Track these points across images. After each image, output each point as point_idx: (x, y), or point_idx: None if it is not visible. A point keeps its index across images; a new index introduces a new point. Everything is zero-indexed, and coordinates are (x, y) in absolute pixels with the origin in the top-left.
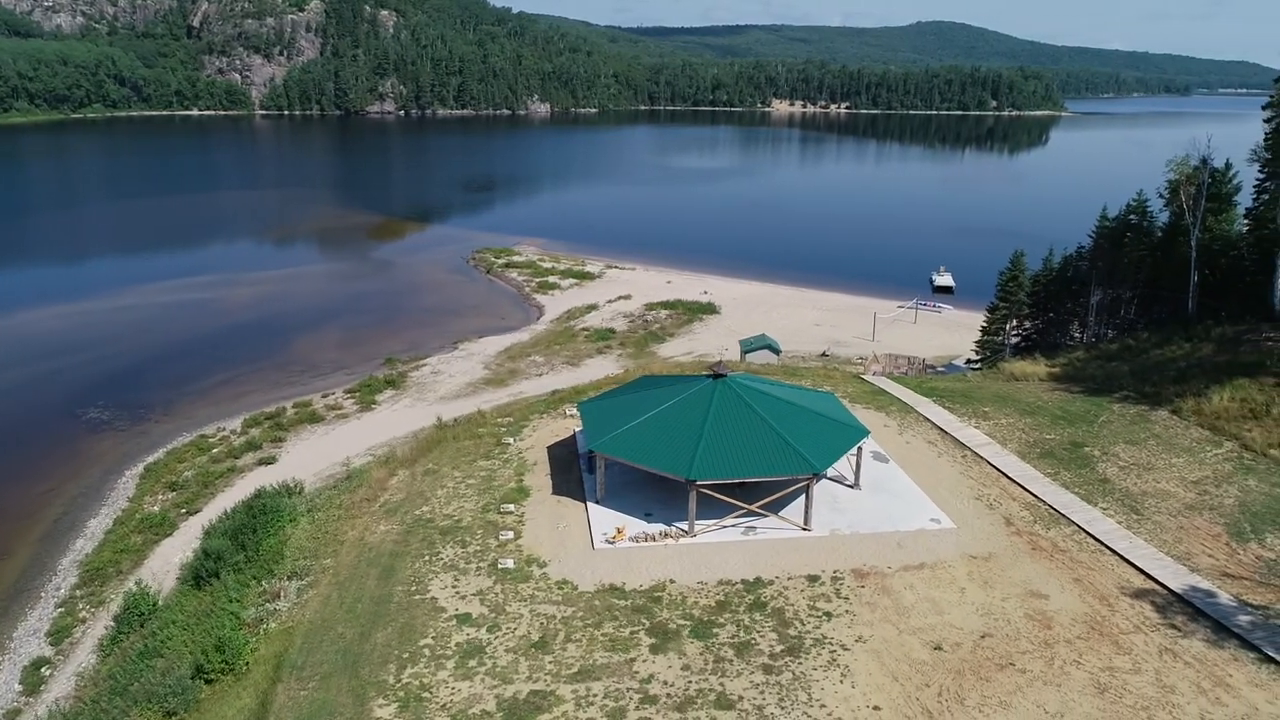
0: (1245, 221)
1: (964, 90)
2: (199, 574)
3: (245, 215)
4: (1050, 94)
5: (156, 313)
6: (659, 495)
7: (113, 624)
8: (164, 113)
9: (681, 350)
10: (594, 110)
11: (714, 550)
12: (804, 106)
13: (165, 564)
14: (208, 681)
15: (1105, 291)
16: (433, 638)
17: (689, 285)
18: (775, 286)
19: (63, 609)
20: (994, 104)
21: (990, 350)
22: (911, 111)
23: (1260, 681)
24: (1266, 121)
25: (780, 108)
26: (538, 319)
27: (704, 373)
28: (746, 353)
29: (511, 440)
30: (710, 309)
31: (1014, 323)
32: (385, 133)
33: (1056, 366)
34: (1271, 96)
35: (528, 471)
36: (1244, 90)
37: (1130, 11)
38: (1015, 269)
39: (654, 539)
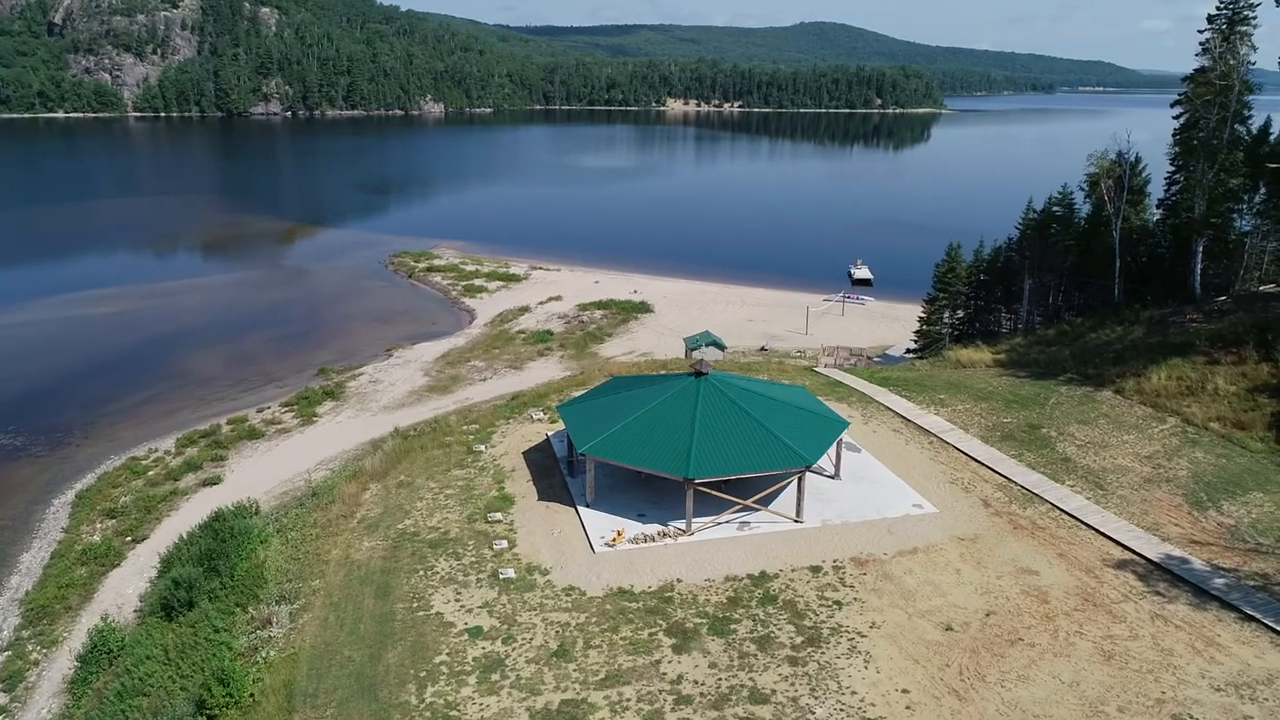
0: (1157, 211)
1: (851, 89)
2: (169, 604)
3: (133, 224)
4: (930, 92)
5: (57, 329)
6: (649, 496)
7: (77, 664)
8: (26, 115)
9: (622, 350)
10: (489, 110)
11: (714, 547)
12: (698, 105)
13: (118, 597)
14: (211, 718)
15: (1035, 280)
16: (447, 654)
17: (617, 285)
18: (702, 284)
19: (10, 652)
20: (879, 102)
21: (930, 339)
22: (802, 110)
23: (1246, 639)
24: (1176, 119)
25: (675, 107)
26: (470, 323)
27: (685, 371)
28: (692, 350)
29: (483, 447)
30: (644, 308)
31: (949, 312)
32: (273, 135)
33: (1000, 353)
34: (1180, 95)
35: (507, 478)
36: (1100, 88)
37: (996, 14)
38: (952, 260)
39: (653, 539)
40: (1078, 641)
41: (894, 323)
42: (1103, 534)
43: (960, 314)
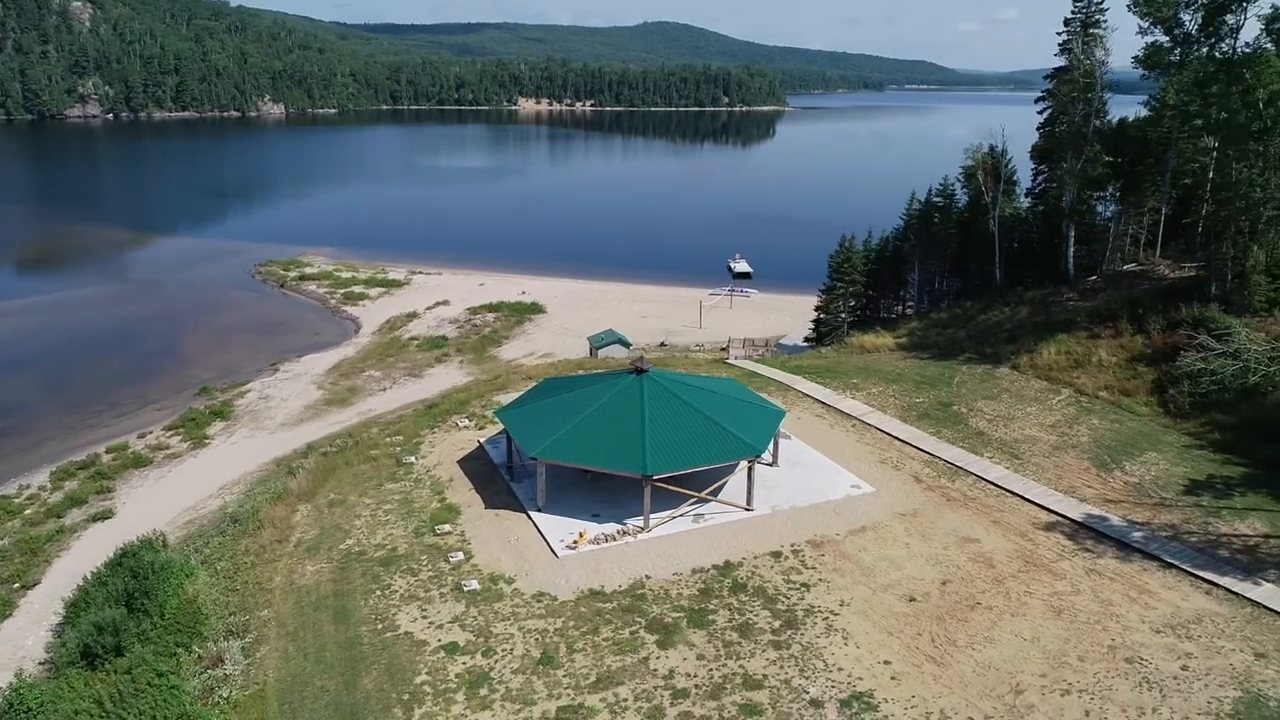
0: (1026, 200)
1: (699, 87)
2: (91, 652)
3: None
4: (774, 90)
5: None
6: (599, 495)
7: None
8: None
9: (523, 352)
10: (333, 111)
11: (675, 541)
12: (550, 104)
13: (17, 650)
14: None
15: (923, 267)
16: (427, 673)
17: (504, 286)
18: (589, 282)
19: None
20: (726, 100)
21: (829, 328)
22: (653, 108)
23: (1171, 584)
24: (1040, 113)
25: (527, 106)
26: (357, 332)
27: (619, 370)
28: (598, 348)
29: (412, 459)
30: (536, 308)
31: (846, 300)
32: (94, 138)
33: (901, 337)
34: (1043, 93)
35: (446, 489)
36: (925, 86)
37: (829, 15)
38: (848, 251)
39: (614, 539)
40: (1029, 601)
41: (781, 313)
42: (1028, 500)
43: (852, 303)
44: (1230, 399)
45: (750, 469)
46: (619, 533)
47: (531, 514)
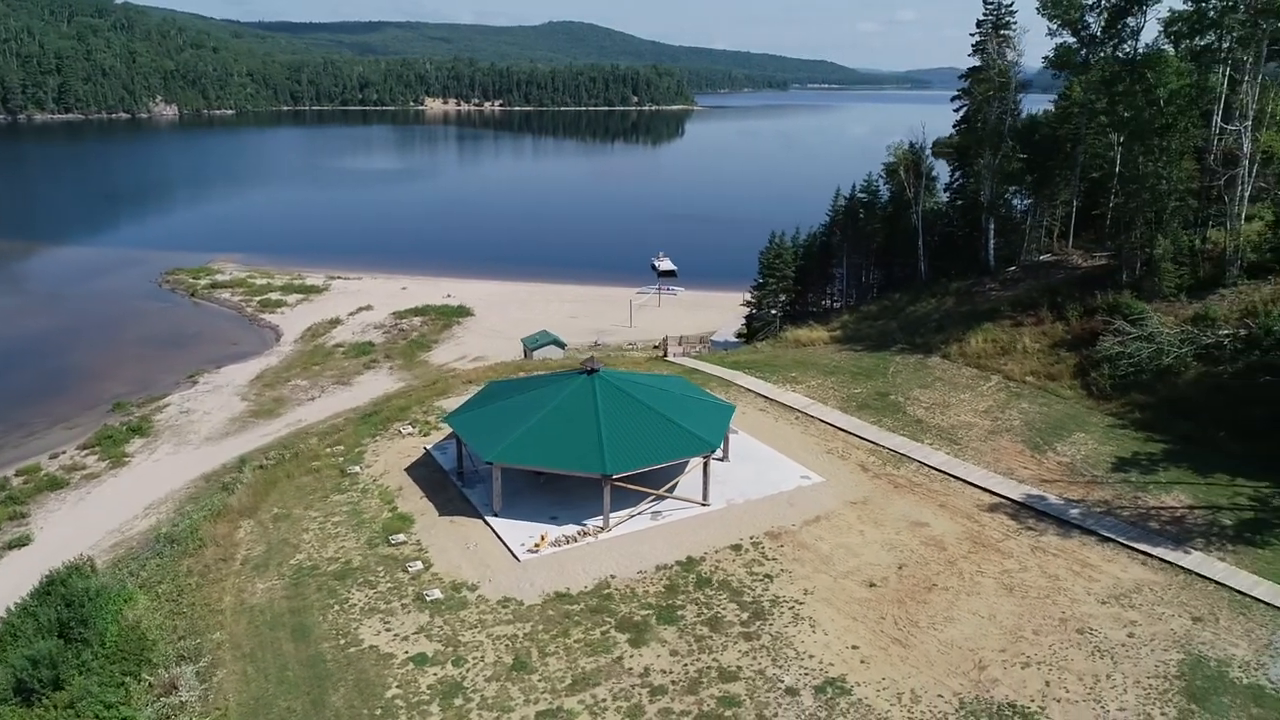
0: (945, 195)
1: (608, 87)
2: (26, 688)
3: None
4: (682, 90)
5: None
6: (554, 497)
7: None
8: None
9: (454, 355)
10: (231, 112)
11: (636, 540)
12: (458, 104)
13: None
14: None
15: (850, 261)
16: (398, 686)
17: (427, 290)
18: (514, 284)
19: None
20: (635, 99)
21: (762, 323)
22: (563, 108)
23: (1109, 557)
24: (956, 111)
25: (435, 106)
26: (278, 340)
27: (576, 369)
28: (533, 350)
29: (357, 469)
30: (464, 311)
31: (774, 296)
32: None
33: (834, 330)
34: (959, 91)
35: (396, 498)
36: (826, 85)
37: (733, 15)
38: (779, 248)
39: (575, 540)
40: (981, 580)
41: (709, 310)
42: (970, 483)
43: (782, 298)
44: (1147, 380)
45: (706, 465)
46: (580, 534)
47: (488, 519)
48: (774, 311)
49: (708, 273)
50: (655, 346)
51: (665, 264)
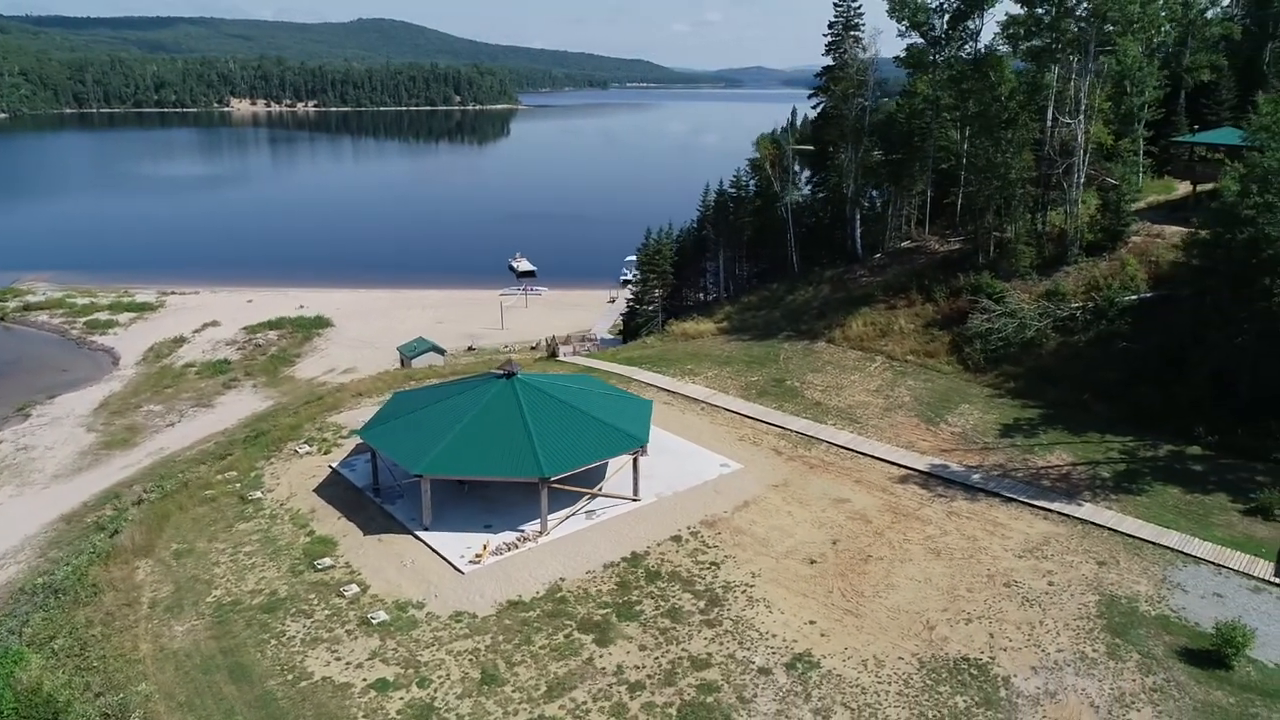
0: (807, 187)
1: (429, 86)
2: None
3: None
4: (505, 89)
5: None
6: (484, 505)
7: None
8: None
9: (322, 369)
10: (4, 115)
11: (576, 540)
12: (268, 105)
13: None
14: None
15: (724, 254)
16: (364, 716)
17: (277, 301)
18: (369, 291)
19: None
20: (458, 99)
21: (646, 318)
22: (382, 108)
23: (1015, 515)
24: (814, 108)
25: (241, 107)
26: (116, 364)
27: (493, 372)
28: (410, 358)
29: (258, 494)
30: (323, 322)
31: (657, 290)
32: None
33: (720, 321)
34: (815, 88)
35: (311, 521)
36: (644, 84)
37: (550, 14)
38: (657, 244)
39: (515, 546)
40: (910, 547)
41: (576, 308)
42: (877, 458)
43: (659, 292)
44: (1015, 352)
45: (635, 460)
46: (519, 540)
47: (419, 534)
48: (651, 307)
49: (566, 271)
50: (533, 348)
51: (524, 264)
